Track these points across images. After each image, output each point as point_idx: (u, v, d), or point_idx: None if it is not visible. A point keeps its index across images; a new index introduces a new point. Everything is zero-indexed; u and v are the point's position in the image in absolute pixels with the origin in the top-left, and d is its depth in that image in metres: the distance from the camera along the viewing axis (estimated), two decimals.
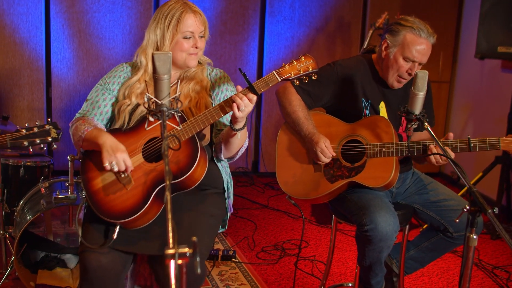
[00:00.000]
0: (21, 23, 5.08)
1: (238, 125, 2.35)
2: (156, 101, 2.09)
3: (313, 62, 2.43)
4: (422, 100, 2.55)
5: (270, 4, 5.55)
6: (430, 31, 2.76)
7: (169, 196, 1.68)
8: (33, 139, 2.33)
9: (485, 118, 5.43)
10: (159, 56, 2.06)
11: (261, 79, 2.37)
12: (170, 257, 1.55)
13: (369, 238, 2.64)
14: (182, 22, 2.44)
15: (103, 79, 2.59)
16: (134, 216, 2.28)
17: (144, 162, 2.35)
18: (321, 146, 2.75)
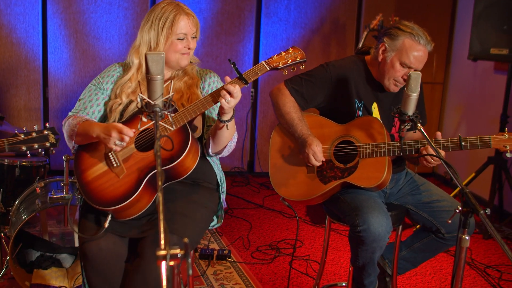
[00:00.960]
0: (18, 23, 5.05)
1: (225, 117, 2.36)
2: (149, 102, 2.07)
3: (301, 52, 2.49)
4: (415, 101, 2.52)
5: (266, 6, 5.53)
6: (429, 39, 2.74)
7: (161, 197, 1.65)
8: (31, 144, 2.33)
9: (478, 119, 5.42)
10: (152, 56, 2.03)
11: (250, 69, 2.40)
12: (162, 259, 1.54)
13: (362, 238, 2.62)
14: (176, 24, 2.46)
15: (97, 79, 2.60)
16: (125, 202, 2.29)
17: (136, 151, 2.37)
18: (314, 149, 2.73)
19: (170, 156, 2.29)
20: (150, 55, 2.03)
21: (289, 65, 2.48)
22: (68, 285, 3.38)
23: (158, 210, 1.62)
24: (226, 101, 2.29)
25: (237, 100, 2.32)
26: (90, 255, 2.32)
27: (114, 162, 2.37)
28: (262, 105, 5.65)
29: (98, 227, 2.37)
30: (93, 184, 2.36)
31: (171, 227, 2.28)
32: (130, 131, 2.25)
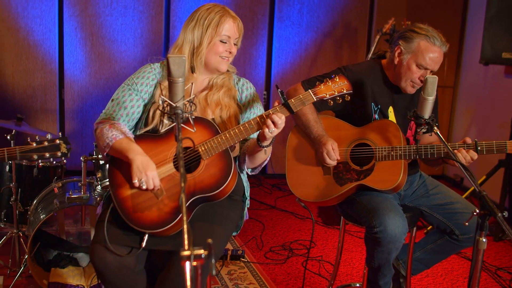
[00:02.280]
0: (35, 26, 5.08)
1: (266, 143, 2.29)
2: (171, 104, 2.07)
3: (347, 83, 2.37)
4: (432, 104, 2.52)
5: (279, 9, 5.54)
6: (443, 40, 2.73)
7: (184, 198, 1.64)
8: (43, 153, 2.29)
9: (488, 123, 5.40)
10: (174, 59, 2.02)
11: (296, 97, 2.30)
12: (186, 259, 1.52)
13: (378, 240, 2.61)
14: (221, 25, 2.40)
15: (130, 79, 2.48)
16: (165, 227, 2.21)
17: (175, 172, 2.27)
18: (328, 148, 2.73)
19: (213, 184, 2.23)
20: (172, 58, 2.02)
21: (335, 96, 2.36)
22: (85, 283, 3.39)
23: (182, 211, 1.61)
24: (270, 131, 2.22)
25: (280, 130, 2.25)
26: (98, 267, 2.27)
27: None
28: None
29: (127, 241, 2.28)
30: (129, 203, 2.27)
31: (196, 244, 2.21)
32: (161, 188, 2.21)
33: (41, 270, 3.46)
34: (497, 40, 4.37)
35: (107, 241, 2.23)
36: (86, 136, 5.32)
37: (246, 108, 2.54)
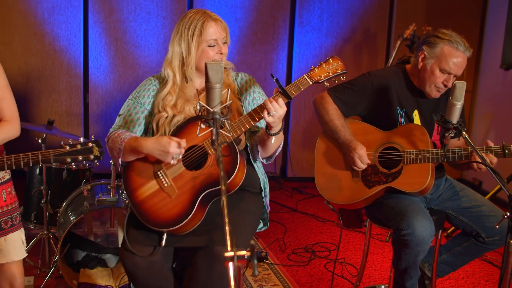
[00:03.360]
0: (61, 31, 5.16)
1: (273, 130, 2.33)
2: (208, 109, 2.10)
3: (341, 63, 2.41)
4: (460, 109, 2.55)
5: (299, 15, 5.59)
6: (467, 45, 2.76)
7: (225, 200, 1.68)
8: (76, 156, 2.28)
9: (507, 127, 5.40)
10: (212, 65, 2.05)
11: (292, 83, 2.35)
12: (229, 260, 1.55)
13: (406, 242, 2.64)
14: (205, 31, 2.41)
15: (133, 94, 2.56)
16: (181, 224, 2.27)
17: (185, 170, 2.34)
18: (359, 152, 2.76)
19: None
20: (210, 64, 2.05)
21: (331, 77, 2.40)
22: (114, 284, 3.42)
23: (223, 213, 1.65)
24: (271, 115, 2.25)
25: (280, 114, 2.27)
26: (128, 268, 2.34)
27: (164, 182, 2.34)
28: (295, 112, 5.69)
29: (149, 242, 2.34)
30: (145, 204, 2.34)
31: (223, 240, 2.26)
32: (183, 142, 2.24)
33: (71, 271, 3.50)
34: None
35: (126, 243, 2.32)
36: None
37: (248, 99, 2.57)
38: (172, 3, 5.30)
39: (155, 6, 5.27)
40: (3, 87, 2.42)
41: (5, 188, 2.47)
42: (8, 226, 2.46)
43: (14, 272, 2.54)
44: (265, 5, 5.49)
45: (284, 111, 2.28)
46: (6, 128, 2.40)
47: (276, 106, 2.25)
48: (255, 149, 2.52)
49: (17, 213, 2.52)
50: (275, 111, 2.25)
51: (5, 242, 2.46)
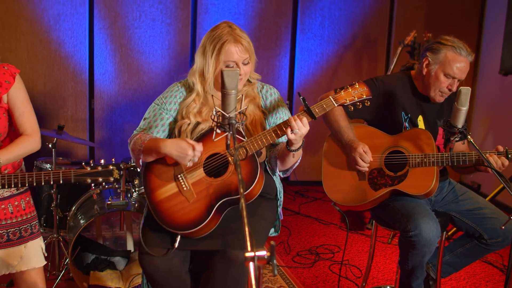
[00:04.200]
0: (67, 38, 5.19)
1: (294, 147, 2.36)
2: (224, 114, 2.14)
3: (366, 89, 2.44)
4: (465, 114, 2.62)
5: (301, 22, 5.65)
6: (469, 50, 2.83)
7: (244, 203, 1.72)
8: (96, 177, 2.32)
9: (505, 131, 5.47)
10: (228, 72, 2.11)
11: (318, 103, 2.39)
12: (250, 260, 1.60)
13: (414, 243, 2.70)
14: (223, 53, 2.42)
15: (159, 99, 2.58)
16: (196, 228, 2.31)
17: (205, 176, 2.37)
18: (359, 151, 2.82)
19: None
20: (226, 71, 2.10)
21: (355, 102, 2.43)
22: (124, 286, 3.47)
23: (242, 215, 1.69)
24: (294, 133, 2.29)
25: (303, 133, 2.31)
26: (147, 271, 2.37)
27: (184, 185, 2.37)
28: None
29: (164, 244, 2.38)
30: (163, 206, 2.37)
31: (241, 244, 2.30)
32: (200, 146, 2.28)
33: (81, 274, 3.55)
34: None
35: (143, 246, 2.35)
36: (115, 144, 5.42)
37: (272, 113, 2.61)
38: (176, 10, 5.35)
39: (159, 13, 5.32)
40: (24, 101, 2.47)
41: (24, 198, 2.52)
42: (28, 234, 2.51)
43: (35, 279, 2.57)
44: (267, 12, 5.55)
45: (307, 130, 2.32)
46: (27, 142, 2.45)
47: (300, 125, 2.29)
48: (273, 161, 2.57)
49: (36, 221, 2.56)
50: (298, 129, 2.29)
51: (25, 250, 2.50)
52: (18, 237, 2.47)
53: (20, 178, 2.29)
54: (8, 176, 2.29)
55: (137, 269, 3.60)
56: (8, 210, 2.46)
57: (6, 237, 2.45)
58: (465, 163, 2.77)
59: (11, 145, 2.41)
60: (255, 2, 5.49)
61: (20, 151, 2.41)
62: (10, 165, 2.44)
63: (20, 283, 2.58)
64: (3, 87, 2.40)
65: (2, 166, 2.35)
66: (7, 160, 2.36)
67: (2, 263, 2.48)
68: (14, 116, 2.45)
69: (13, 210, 2.47)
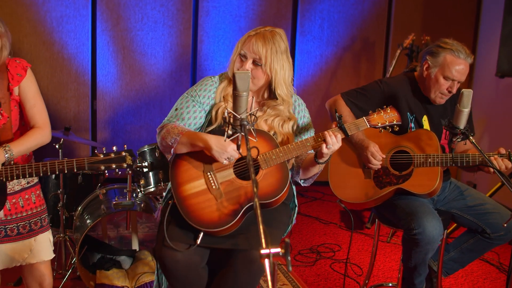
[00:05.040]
0: (69, 40, 5.21)
1: (322, 160, 2.41)
2: (235, 115, 2.17)
3: (397, 115, 2.53)
4: (467, 116, 2.68)
5: (301, 25, 5.70)
6: (468, 52, 2.89)
7: (257, 202, 1.76)
8: (110, 164, 2.34)
9: (500, 133, 5.53)
10: (240, 75, 2.15)
11: (351, 122, 2.47)
12: (265, 257, 1.63)
13: (417, 241, 2.75)
14: (241, 40, 2.51)
15: (193, 90, 2.55)
16: (221, 228, 2.33)
17: (235, 177, 2.38)
18: (371, 150, 2.87)
19: (270, 193, 2.34)
20: (238, 74, 2.14)
21: (386, 126, 2.53)
22: (130, 285, 3.49)
23: (256, 213, 1.73)
24: (327, 148, 2.35)
25: (335, 148, 2.37)
26: (167, 266, 2.37)
27: (213, 184, 2.38)
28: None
29: (186, 239, 2.38)
30: (190, 201, 2.37)
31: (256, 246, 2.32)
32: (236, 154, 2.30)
33: (87, 272, 3.57)
34: None
35: (166, 239, 2.34)
36: (117, 145, 5.43)
37: (300, 132, 2.64)
38: (178, 12, 5.39)
39: (161, 15, 5.35)
40: (35, 94, 2.50)
41: (34, 191, 2.55)
42: (37, 227, 2.54)
43: (43, 272, 2.61)
44: (268, 15, 5.59)
45: (339, 146, 2.38)
46: (39, 135, 2.46)
47: (334, 141, 2.36)
48: (295, 170, 2.60)
49: (45, 215, 2.59)
50: (332, 145, 2.35)
51: (35, 243, 2.53)
52: (28, 230, 2.51)
53: (34, 168, 2.31)
54: (22, 167, 2.31)
55: (142, 268, 3.63)
56: (19, 204, 2.49)
57: (16, 230, 2.48)
58: (468, 164, 2.82)
59: (22, 137, 2.42)
60: (255, 4, 5.54)
61: (32, 143, 2.42)
62: (20, 158, 2.45)
63: (28, 276, 2.62)
64: (15, 79, 2.42)
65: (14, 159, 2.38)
66: (19, 152, 2.37)
67: (13, 256, 2.51)
68: (26, 108, 2.47)
69: (24, 204, 2.50)
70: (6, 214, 2.46)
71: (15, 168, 2.31)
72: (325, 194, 5.72)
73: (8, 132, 2.40)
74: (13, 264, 2.52)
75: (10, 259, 2.51)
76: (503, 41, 4.58)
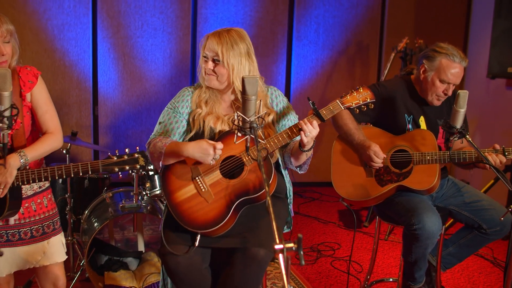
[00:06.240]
0: (71, 47, 5.27)
1: (306, 148, 2.48)
2: (244, 118, 2.22)
3: (370, 93, 2.57)
4: (463, 116, 2.77)
5: (297, 30, 5.80)
6: (462, 56, 2.99)
7: (269, 200, 1.82)
8: (123, 166, 2.37)
9: (491, 132, 5.65)
10: (249, 79, 2.20)
11: (326, 107, 2.52)
12: (279, 251, 1.71)
13: (417, 236, 2.83)
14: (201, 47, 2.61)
15: (172, 103, 2.68)
16: (215, 227, 2.40)
17: (222, 178, 2.46)
18: (374, 149, 2.95)
19: (256, 187, 2.42)
20: (247, 78, 2.19)
21: (361, 105, 2.57)
22: (137, 285, 3.54)
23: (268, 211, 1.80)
24: (306, 136, 2.41)
25: (313, 135, 2.44)
26: (170, 268, 2.45)
27: (202, 187, 2.45)
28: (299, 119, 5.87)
29: (184, 242, 2.45)
30: (183, 206, 2.45)
31: (259, 242, 2.41)
32: (220, 145, 2.38)
33: (96, 274, 3.62)
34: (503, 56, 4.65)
35: (164, 244, 2.44)
36: (119, 149, 5.46)
37: (280, 115, 2.71)
38: (177, 19, 5.46)
39: (161, 22, 5.42)
40: (47, 100, 2.54)
41: (45, 195, 2.59)
42: (50, 230, 2.58)
43: (57, 273, 2.64)
44: (265, 21, 5.69)
45: (317, 132, 2.44)
46: (52, 140, 2.50)
47: (311, 128, 2.42)
48: (287, 159, 2.67)
49: (57, 218, 2.63)
50: (309, 132, 2.41)
51: (48, 245, 2.57)
52: (41, 233, 2.55)
53: (50, 172, 2.36)
54: (38, 171, 2.36)
55: (149, 268, 3.69)
56: (31, 208, 2.53)
57: (30, 234, 2.52)
58: (465, 160, 2.91)
59: (36, 143, 2.46)
60: (252, 11, 5.62)
61: (46, 149, 2.47)
62: (32, 163, 2.48)
63: (43, 277, 2.65)
64: (26, 86, 2.47)
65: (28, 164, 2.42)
66: (33, 157, 2.41)
67: (26, 259, 2.55)
68: (38, 114, 2.51)
69: (36, 208, 2.54)
70: (20, 218, 2.51)
71: (30, 172, 2.36)
72: (322, 195, 5.81)
73: (21, 138, 2.45)
74: (26, 266, 2.57)
75: (24, 262, 2.56)
76: (493, 43, 4.70)
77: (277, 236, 1.73)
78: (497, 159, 2.86)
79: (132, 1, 5.34)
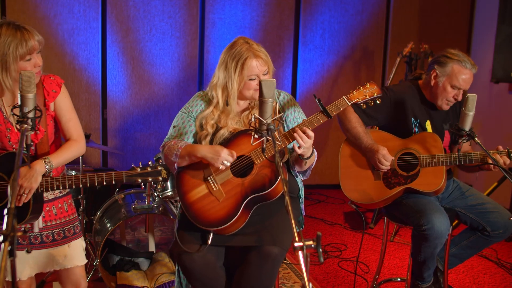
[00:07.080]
0: (80, 51, 5.33)
1: (304, 157, 2.51)
2: (262, 120, 2.28)
3: (377, 88, 2.59)
4: (471, 118, 2.84)
5: (303, 35, 5.87)
6: (472, 63, 3.05)
7: (288, 199, 1.90)
8: (146, 177, 2.43)
9: (494, 135, 5.71)
10: (266, 82, 2.27)
11: (332, 103, 2.54)
12: (299, 249, 1.77)
13: (426, 236, 2.90)
14: (246, 68, 2.56)
15: (186, 108, 2.73)
16: (227, 224, 2.45)
17: (232, 177, 2.52)
18: (382, 152, 3.01)
19: (266, 184, 2.47)
20: (264, 81, 2.26)
21: (367, 100, 2.57)
22: (149, 285, 3.59)
23: (287, 210, 1.88)
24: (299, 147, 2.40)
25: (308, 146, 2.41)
26: (186, 267, 2.51)
27: (213, 186, 2.51)
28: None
29: (197, 241, 2.51)
30: (195, 206, 2.51)
31: (273, 240, 2.46)
32: (234, 153, 2.43)
33: (108, 274, 3.67)
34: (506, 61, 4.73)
35: (179, 245, 2.49)
36: (127, 152, 5.56)
37: (289, 118, 2.73)
38: (185, 24, 5.54)
39: (169, 27, 5.50)
40: (70, 108, 2.59)
41: (66, 200, 2.64)
42: (71, 234, 2.63)
43: (79, 276, 2.69)
44: (271, 26, 5.76)
45: (311, 142, 2.42)
46: (75, 147, 2.55)
47: (306, 139, 2.40)
48: (292, 165, 2.71)
49: (77, 222, 2.68)
50: (304, 143, 2.40)
51: (69, 249, 2.62)
52: (62, 237, 2.60)
53: (74, 180, 2.42)
54: (63, 179, 2.42)
55: (160, 268, 3.74)
56: (52, 212, 2.58)
57: (51, 237, 2.57)
58: (471, 162, 2.98)
59: (60, 149, 2.51)
60: (259, 16, 5.70)
61: (69, 155, 2.52)
62: (54, 169, 2.53)
63: (64, 280, 2.70)
64: (50, 95, 2.53)
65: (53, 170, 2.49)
66: (58, 164, 2.47)
67: (48, 261, 2.60)
68: (61, 122, 2.56)
69: (57, 212, 2.59)
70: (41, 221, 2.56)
71: (55, 179, 2.41)
72: (328, 197, 5.87)
73: (45, 146, 2.50)
74: (47, 269, 2.62)
75: (45, 264, 2.61)
76: (497, 49, 4.78)
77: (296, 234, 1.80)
78: (501, 160, 2.92)
79: (141, 6, 5.42)
